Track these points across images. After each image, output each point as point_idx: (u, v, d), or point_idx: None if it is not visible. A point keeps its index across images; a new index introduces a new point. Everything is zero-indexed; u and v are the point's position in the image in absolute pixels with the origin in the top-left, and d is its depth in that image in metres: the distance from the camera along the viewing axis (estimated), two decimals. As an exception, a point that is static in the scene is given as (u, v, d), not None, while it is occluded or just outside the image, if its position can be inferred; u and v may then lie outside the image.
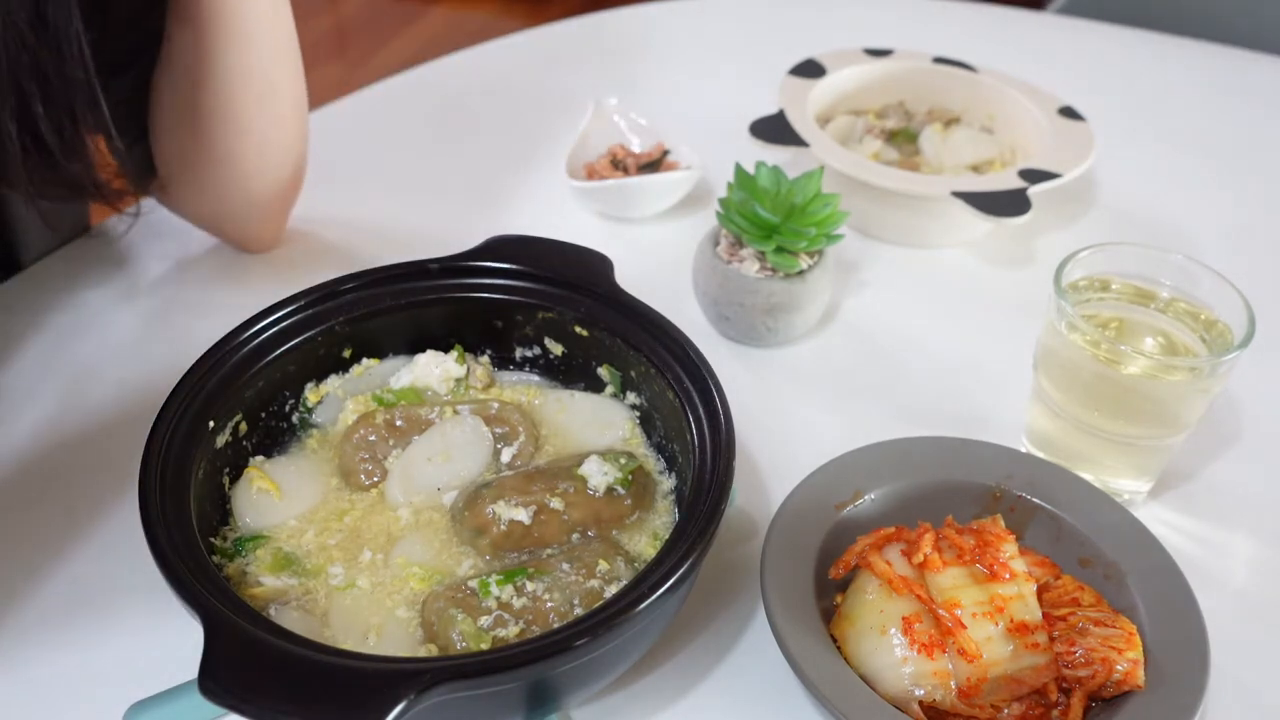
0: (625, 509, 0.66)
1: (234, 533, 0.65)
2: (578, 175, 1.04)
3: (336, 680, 0.49)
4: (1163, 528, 0.75)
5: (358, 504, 0.68)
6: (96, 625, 0.67)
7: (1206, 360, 0.70)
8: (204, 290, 0.93)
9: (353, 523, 0.67)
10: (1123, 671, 0.60)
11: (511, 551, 0.64)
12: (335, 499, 0.68)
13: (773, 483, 0.77)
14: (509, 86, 1.26)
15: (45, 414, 0.81)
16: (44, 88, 0.72)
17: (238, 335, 0.68)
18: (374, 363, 0.75)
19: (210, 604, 0.52)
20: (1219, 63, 1.39)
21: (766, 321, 0.87)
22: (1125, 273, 0.77)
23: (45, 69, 0.72)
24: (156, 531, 0.56)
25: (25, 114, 0.73)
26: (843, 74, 1.12)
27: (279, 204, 0.94)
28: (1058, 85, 1.12)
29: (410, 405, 0.72)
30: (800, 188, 0.85)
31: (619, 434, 0.72)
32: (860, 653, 0.61)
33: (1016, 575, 0.62)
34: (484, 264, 0.73)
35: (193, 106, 0.84)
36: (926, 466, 0.72)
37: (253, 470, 0.68)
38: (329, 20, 3.29)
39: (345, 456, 0.70)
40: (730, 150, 0.99)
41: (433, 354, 0.74)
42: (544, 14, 1.53)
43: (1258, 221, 1.09)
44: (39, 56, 0.70)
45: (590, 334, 0.72)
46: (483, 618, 0.59)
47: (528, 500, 0.65)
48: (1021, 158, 1.06)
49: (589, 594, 0.61)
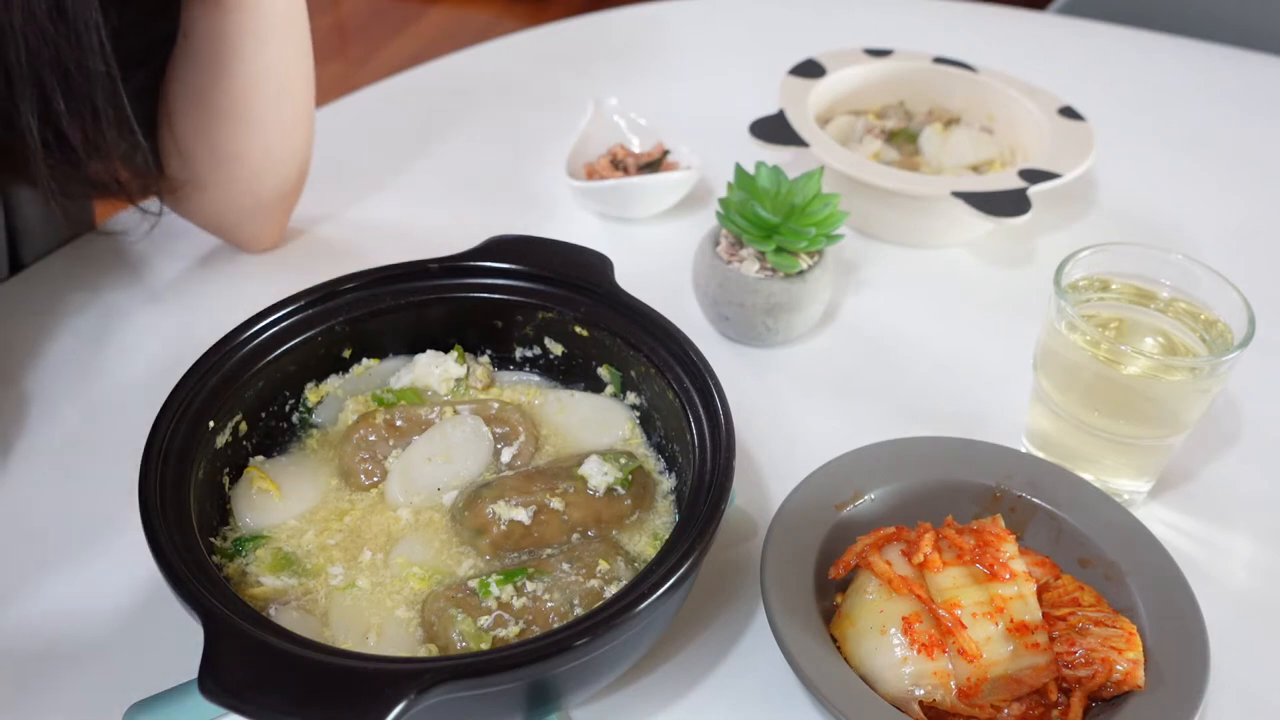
0: (625, 509, 0.66)
1: (234, 533, 0.66)
2: (578, 175, 1.04)
3: (336, 680, 0.49)
4: (1163, 528, 0.75)
5: (358, 504, 0.68)
6: (96, 625, 0.67)
7: (1206, 360, 0.70)
8: (204, 290, 0.93)
9: (353, 523, 0.67)
10: (1123, 671, 0.60)
11: (511, 552, 0.64)
12: (335, 499, 0.68)
13: (773, 483, 0.77)
14: (509, 86, 1.26)
15: (44, 413, 0.81)
16: (65, 81, 0.72)
17: (238, 335, 0.68)
18: (374, 363, 0.75)
19: (210, 604, 0.52)
20: (1219, 63, 1.39)
21: (766, 321, 0.87)
22: (1125, 273, 0.77)
23: (66, 62, 0.71)
24: (156, 531, 0.56)
25: (46, 109, 0.73)
26: (843, 74, 1.12)
27: (282, 205, 0.94)
28: (1058, 85, 1.12)
29: (410, 405, 0.72)
30: (800, 188, 0.85)
31: (619, 434, 0.72)
32: (860, 653, 0.61)
33: (1016, 575, 0.62)
34: (484, 264, 0.73)
35: (205, 104, 0.84)
36: (926, 466, 0.72)
37: (253, 470, 0.68)
38: (329, 20, 3.29)
39: (345, 456, 0.70)
40: (730, 150, 0.99)
41: (433, 354, 0.74)
42: (544, 14, 1.53)
43: (1258, 221, 1.09)
44: (59, 49, 0.70)
45: (590, 334, 0.72)
46: (483, 618, 0.59)
47: (528, 500, 0.65)
48: (1021, 158, 1.06)
49: (589, 594, 0.61)
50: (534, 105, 1.22)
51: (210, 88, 0.83)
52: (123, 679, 0.63)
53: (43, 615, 0.67)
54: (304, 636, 0.52)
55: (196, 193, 0.89)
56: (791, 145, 0.99)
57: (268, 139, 0.87)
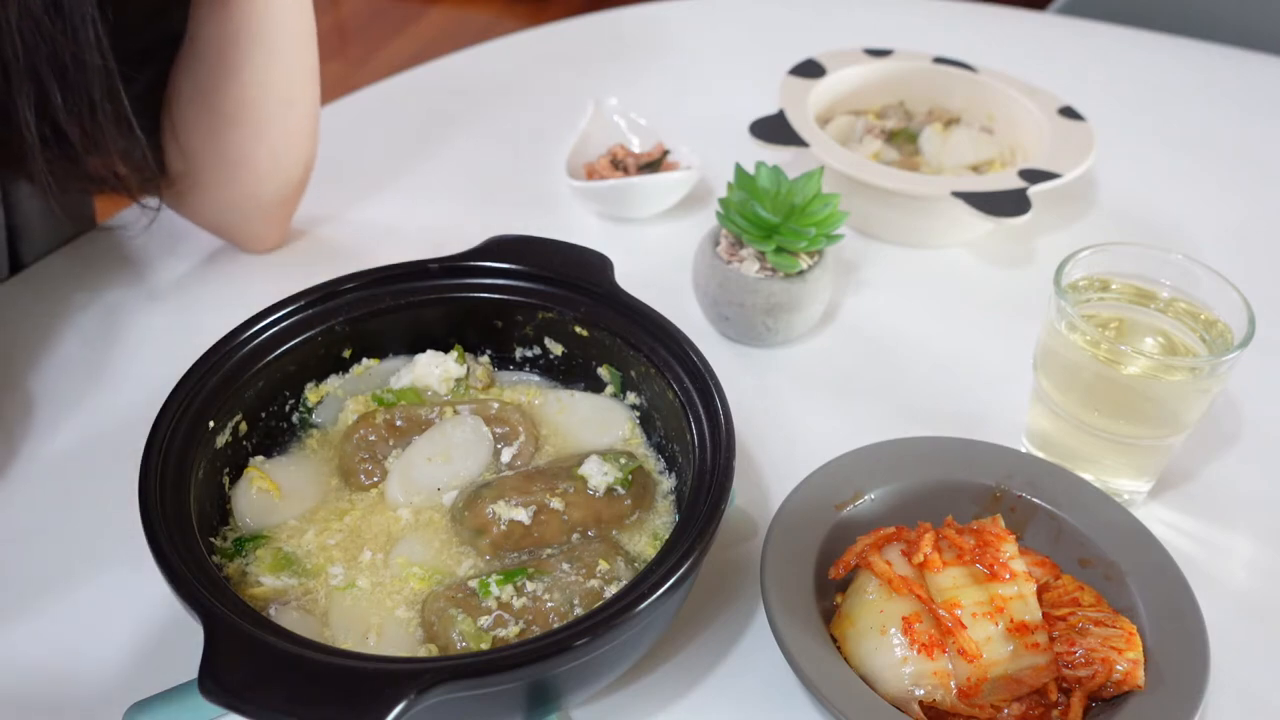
0: (625, 509, 0.66)
1: (234, 532, 0.66)
2: (578, 175, 1.04)
3: (336, 680, 0.49)
4: (1163, 528, 0.75)
5: (358, 504, 0.68)
6: (96, 625, 0.67)
7: (1206, 360, 0.70)
8: (204, 290, 0.93)
9: (353, 523, 0.67)
10: (1123, 671, 0.60)
11: (511, 551, 0.64)
12: (335, 499, 0.68)
13: (773, 483, 0.77)
14: (509, 86, 1.26)
15: (43, 412, 0.81)
16: (62, 77, 0.72)
17: (238, 335, 0.68)
18: (374, 363, 0.75)
19: (210, 604, 0.52)
20: (1219, 63, 1.39)
21: (766, 321, 0.87)
22: (1125, 273, 0.77)
23: (62, 57, 0.71)
24: (156, 531, 0.56)
25: (44, 104, 0.73)
26: (843, 74, 1.12)
27: (285, 207, 0.94)
28: (1058, 85, 1.12)
29: (410, 405, 0.72)
30: (800, 188, 0.85)
31: (619, 434, 0.72)
32: (860, 653, 0.61)
33: (1016, 575, 0.62)
34: (484, 264, 0.73)
35: (212, 108, 0.83)
36: (926, 466, 0.72)
37: (253, 470, 0.68)
38: (329, 20, 3.29)
39: (345, 457, 0.70)
40: (730, 150, 0.99)
41: (433, 354, 0.74)
42: (544, 14, 1.53)
43: (1258, 221, 1.09)
44: (56, 44, 0.70)
45: (590, 334, 0.72)
46: (483, 618, 0.59)
47: (528, 500, 0.65)
48: (1021, 158, 1.06)
49: (589, 594, 0.61)
50: (534, 105, 1.22)
51: (217, 91, 0.83)
52: (123, 679, 0.63)
53: (43, 615, 0.67)
54: (304, 636, 0.52)
55: (199, 193, 0.89)
56: (791, 145, 0.99)
57: (273, 143, 0.87)
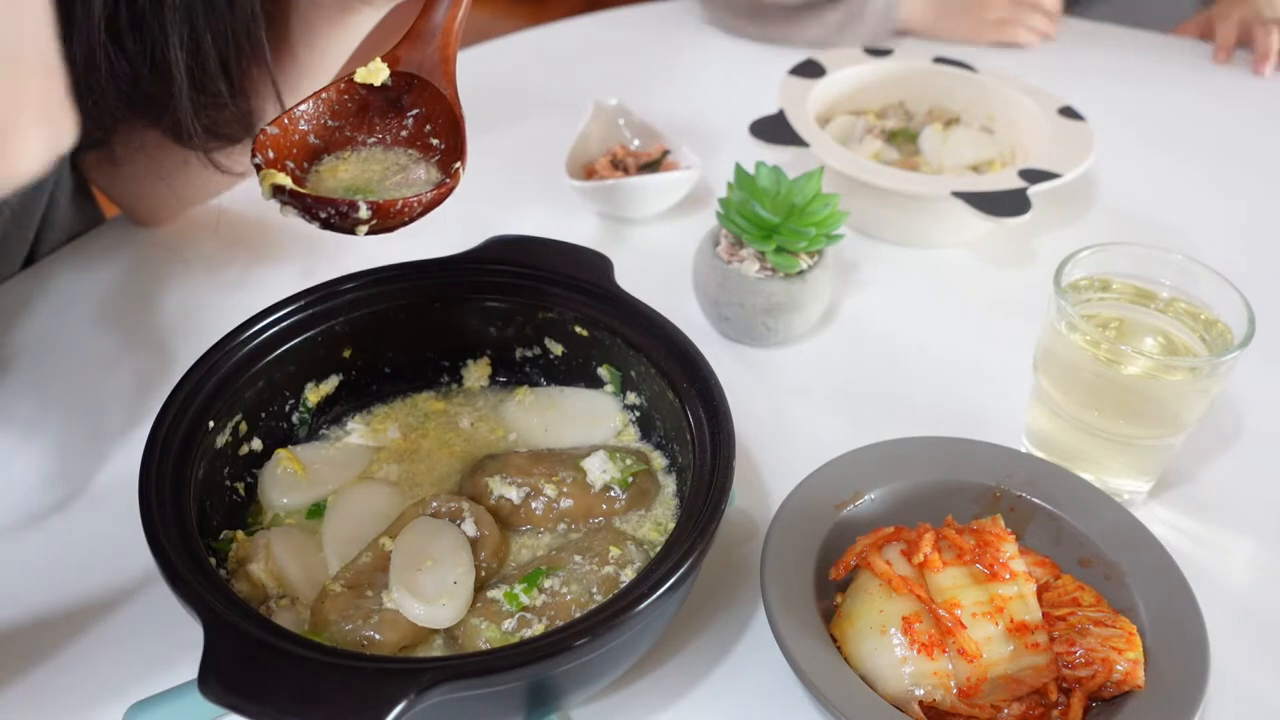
0: (618, 509, 0.67)
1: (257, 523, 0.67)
2: (578, 175, 1.04)
3: (336, 680, 0.49)
4: (1163, 528, 0.75)
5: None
6: (96, 625, 0.67)
7: (1206, 360, 0.70)
8: (204, 290, 0.93)
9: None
10: (1123, 671, 0.60)
11: (501, 526, 0.66)
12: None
13: (773, 483, 0.77)
14: (509, 86, 1.26)
15: (44, 412, 0.81)
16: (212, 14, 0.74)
17: (238, 335, 0.68)
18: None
19: (210, 604, 0.52)
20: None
21: (766, 321, 0.87)
22: (1125, 273, 0.76)
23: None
24: (157, 531, 0.56)
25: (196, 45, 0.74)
26: (843, 74, 1.12)
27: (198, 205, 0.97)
28: (1058, 85, 1.12)
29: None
30: (800, 188, 0.85)
31: (611, 427, 0.72)
32: (860, 653, 0.61)
33: (1016, 575, 0.62)
34: (484, 264, 0.73)
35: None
36: (926, 466, 0.72)
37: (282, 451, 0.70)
38: (329, 20, 3.28)
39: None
40: (730, 150, 0.99)
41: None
42: (545, 14, 1.53)
43: (1258, 221, 1.09)
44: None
45: (590, 334, 0.72)
46: (506, 621, 0.59)
47: (524, 481, 0.66)
48: (1021, 158, 1.06)
49: (606, 580, 0.61)
50: (534, 105, 1.22)
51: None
52: (123, 679, 0.63)
53: (43, 615, 0.67)
54: (304, 637, 0.52)
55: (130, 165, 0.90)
56: (791, 145, 0.99)
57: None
